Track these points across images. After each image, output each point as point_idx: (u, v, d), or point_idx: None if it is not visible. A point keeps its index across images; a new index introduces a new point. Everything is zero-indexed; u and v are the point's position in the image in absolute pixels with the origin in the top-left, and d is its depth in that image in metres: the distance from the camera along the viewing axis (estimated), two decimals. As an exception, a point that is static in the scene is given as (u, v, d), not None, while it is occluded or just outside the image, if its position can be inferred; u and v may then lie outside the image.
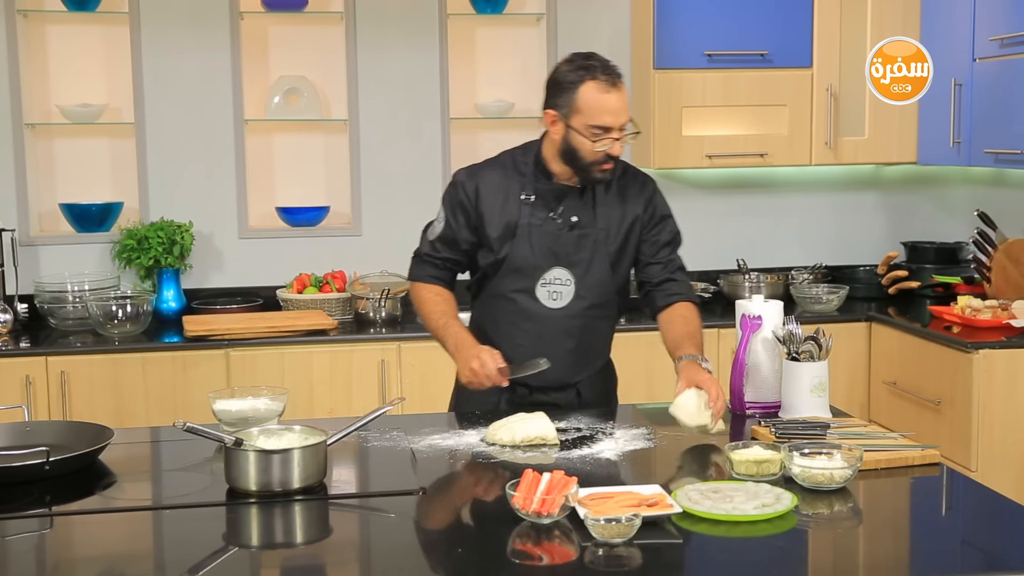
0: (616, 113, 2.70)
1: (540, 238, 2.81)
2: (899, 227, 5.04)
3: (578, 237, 2.82)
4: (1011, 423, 3.77)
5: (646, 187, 2.92)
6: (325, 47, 4.67)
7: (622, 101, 2.71)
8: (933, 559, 2.00)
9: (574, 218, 2.83)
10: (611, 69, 2.71)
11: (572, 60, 2.75)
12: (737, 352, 2.79)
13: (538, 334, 2.83)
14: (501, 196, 2.84)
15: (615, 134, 2.71)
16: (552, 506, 2.00)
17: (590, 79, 2.68)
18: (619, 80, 2.71)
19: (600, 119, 2.69)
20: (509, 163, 2.89)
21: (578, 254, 2.83)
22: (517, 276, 2.84)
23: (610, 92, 2.69)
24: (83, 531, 2.13)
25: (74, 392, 3.98)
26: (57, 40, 4.55)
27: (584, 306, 2.85)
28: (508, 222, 2.82)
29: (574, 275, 2.83)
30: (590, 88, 2.69)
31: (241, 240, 4.65)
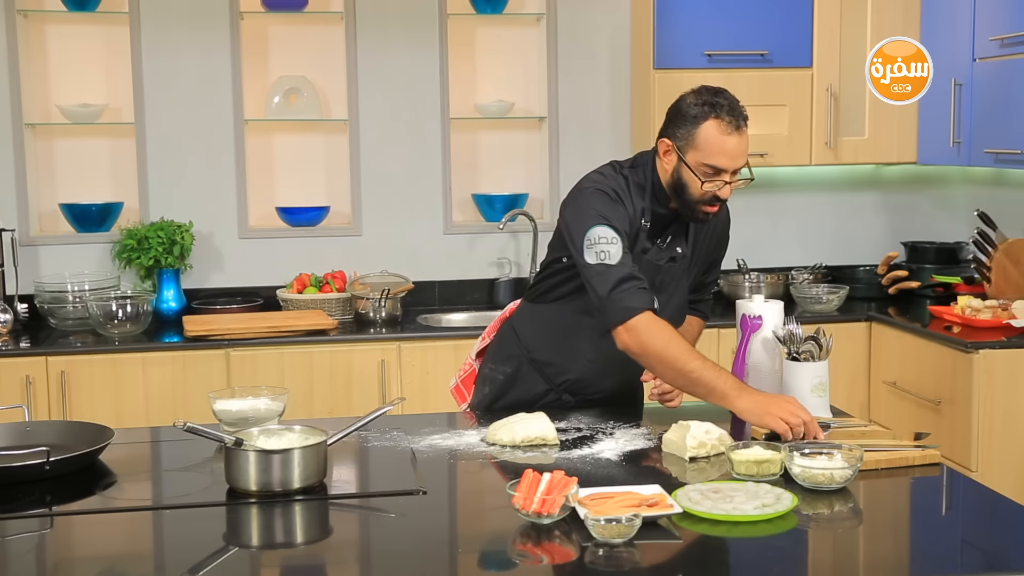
0: (733, 157, 2.63)
1: (647, 268, 2.72)
2: (899, 227, 5.04)
3: (675, 269, 2.79)
4: (1011, 423, 3.77)
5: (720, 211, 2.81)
6: (325, 47, 4.67)
7: (742, 146, 2.64)
8: (933, 559, 2.00)
9: (678, 249, 2.78)
10: (738, 111, 2.64)
11: (700, 93, 2.66)
12: (737, 352, 2.79)
13: (611, 355, 2.68)
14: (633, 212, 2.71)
15: (727, 177, 2.65)
16: (552, 506, 1.99)
17: (714, 117, 2.62)
18: (744, 123, 2.64)
19: (716, 160, 2.62)
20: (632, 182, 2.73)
21: (669, 284, 2.79)
22: None
23: (732, 135, 2.62)
24: (83, 531, 2.13)
25: (74, 392, 3.98)
26: (57, 40, 4.55)
27: None
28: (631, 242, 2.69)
29: (659, 300, 2.71)
30: (712, 126, 2.62)
31: (241, 240, 4.65)
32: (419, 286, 4.63)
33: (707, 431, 2.43)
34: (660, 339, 2.54)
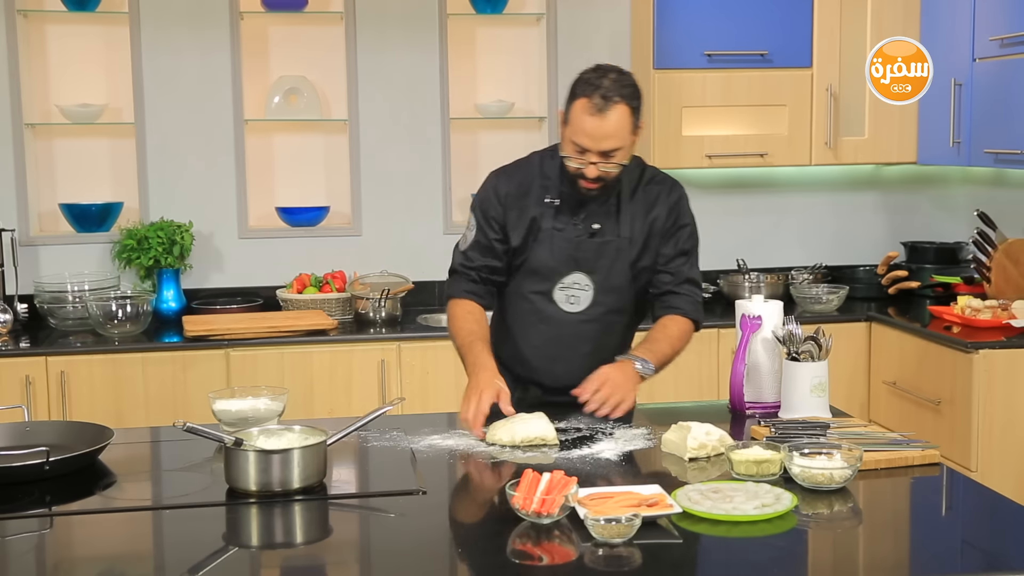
0: (594, 138, 2.64)
1: (561, 243, 2.79)
2: (899, 227, 5.04)
3: (599, 244, 2.80)
4: (1011, 423, 3.77)
5: (672, 194, 2.88)
6: (325, 47, 4.67)
7: (605, 129, 2.63)
8: (933, 559, 2.00)
9: (596, 225, 2.80)
10: (611, 93, 2.63)
11: (594, 69, 2.70)
12: (737, 352, 2.79)
13: (553, 337, 2.82)
14: (525, 200, 2.81)
15: (593, 157, 2.67)
16: (552, 506, 2.00)
17: (585, 96, 2.65)
18: (613, 106, 2.62)
19: (578, 138, 2.66)
20: (536, 165, 2.86)
21: (598, 260, 2.81)
22: (536, 278, 2.83)
23: (595, 116, 2.63)
24: (83, 531, 2.13)
25: (74, 392, 3.98)
26: (57, 40, 4.55)
27: (602, 311, 2.84)
28: (531, 225, 2.80)
29: (593, 281, 2.81)
30: (581, 105, 2.65)
31: (241, 240, 4.65)
32: (419, 286, 4.63)
33: (707, 432, 2.43)
34: (452, 317, 2.85)
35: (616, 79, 2.66)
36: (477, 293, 2.87)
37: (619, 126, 2.64)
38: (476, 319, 2.83)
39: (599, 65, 2.71)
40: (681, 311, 2.87)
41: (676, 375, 4.27)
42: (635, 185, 2.84)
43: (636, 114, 2.69)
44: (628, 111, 2.65)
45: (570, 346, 2.82)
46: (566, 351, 2.80)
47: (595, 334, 2.85)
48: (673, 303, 2.88)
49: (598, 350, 2.86)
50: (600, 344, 2.87)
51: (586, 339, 2.84)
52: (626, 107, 2.65)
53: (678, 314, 2.87)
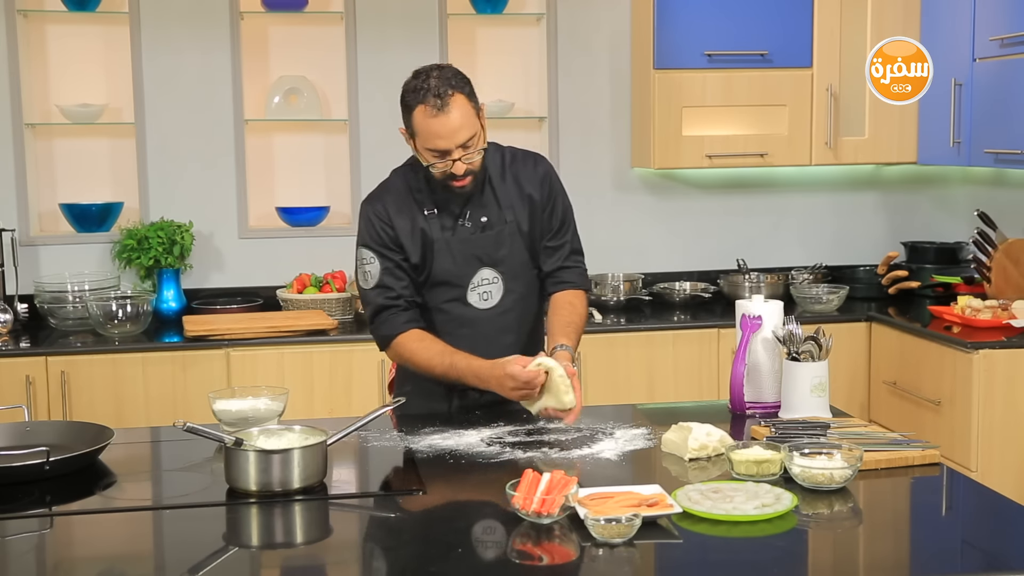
0: (448, 137, 2.65)
1: (458, 246, 2.80)
2: (899, 227, 5.04)
3: (494, 236, 2.82)
4: (1011, 423, 3.77)
5: (539, 167, 2.90)
6: (325, 47, 4.67)
7: (452, 124, 2.64)
8: (933, 559, 2.00)
9: (483, 218, 2.82)
10: (442, 90, 2.64)
11: (415, 76, 2.71)
12: (737, 352, 2.79)
13: (476, 337, 2.81)
14: (407, 217, 2.80)
15: (455, 154, 2.68)
16: (552, 506, 2.00)
17: (420, 104, 2.66)
18: (450, 99, 2.64)
19: (434, 143, 2.67)
20: (403, 184, 2.85)
21: (499, 251, 2.83)
22: (445, 288, 2.83)
23: (438, 116, 2.64)
24: (83, 531, 2.13)
25: (74, 392, 3.98)
26: (57, 40, 4.55)
27: (514, 299, 2.86)
28: (422, 240, 2.80)
29: (500, 272, 2.83)
30: (420, 113, 2.66)
31: (241, 240, 4.65)
32: (419, 286, 4.62)
33: (708, 433, 2.43)
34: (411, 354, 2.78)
35: (439, 75, 2.70)
36: (414, 320, 2.81)
37: (463, 116, 2.67)
38: (433, 340, 2.78)
39: (417, 70, 2.74)
40: (575, 284, 2.92)
41: (676, 375, 4.29)
42: (501, 168, 2.86)
43: (472, 98, 2.72)
44: (464, 98, 2.69)
45: (494, 341, 2.82)
46: (492, 347, 2.78)
47: (514, 323, 2.87)
48: (567, 277, 2.92)
49: (519, 337, 2.89)
50: (520, 331, 2.89)
51: (507, 330, 2.86)
52: (460, 95, 2.68)
53: (575, 288, 2.92)
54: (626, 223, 4.85)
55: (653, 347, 4.30)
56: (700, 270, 4.90)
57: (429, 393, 2.87)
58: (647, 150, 4.56)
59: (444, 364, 2.74)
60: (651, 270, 4.82)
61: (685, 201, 4.91)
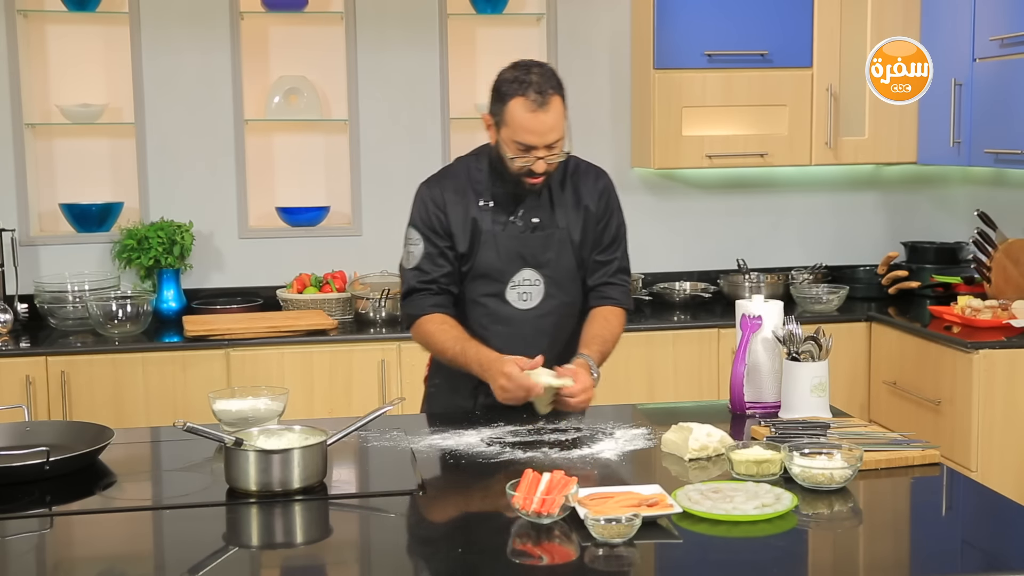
0: (540, 134, 2.67)
1: (505, 242, 2.81)
2: (899, 227, 5.04)
3: (543, 238, 2.83)
4: (1011, 423, 3.77)
5: (599, 181, 2.92)
6: (325, 47, 4.67)
7: (548, 123, 2.67)
8: (933, 559, 2.00)
9: (535, 219, 2.83)
10: (544, 88, 2.66)
11: (514, 68, 2.72)
12: (737, 352, 2.79)
13: (511, 336, 2.83)
14: (462, 206, 2.83)
15: (540, 152, 2.69)
16: (552, 506, 2.00)
17: (521, 95, 2.66)
18: (551, 99, 2.66)
19: (523, 137, 2.68)
20: (463, 172, 2.87)
21: (545, 254, 2.84)
22: (485, 281, 2.84)
23: (536, 112, 2.66)
24: (83, 531, 2.13)
25: (74, 392, 3.98)
26: (57, 40, 4.55)
27: (555, 304, 2.87)
28: (472, 230, 2.82)
29: (543, 275, 2.84)
30: (518, 104, 2.67)
31: (241, 240, 4.65)
32: (419, 286, 4.62)
33: (708, 434, 2.43)
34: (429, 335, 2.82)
35: (541, 72, 2.70)
36: (441, 305, 2.84)
37: (558, 117, 2.70)
38: (452, 326, 2.82)
39: (517, 62, 2.75)
40: (617, 302, 2.93)
41: (676, 375, 4.29)
42: (563, 175, 2.86)
43: (565, 103, 2.74)
44: (560, 101, 2.70)
45: (529, 343, 2.82)
46: (526, 349, 2.78)
47: (551, 327, 2.88)
48: (610, 293, 2.93)
49: (554, 343, 2.89)
50: (556, 337, 2.89)
51: (543, 333, 2.87)
52: (558, 97, 2.70)
53: (616, 305, 2.93)
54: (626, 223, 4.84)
55: (653, 347, 4.30)
56: (700, 270, 4.90)
57: (456, 388, 2.89)
58: (647, 150, 4.56)
59: (455, 349, 2.77)
60: (651, 270, 4.82)
61: (685, 201, 4.92)
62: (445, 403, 2.94)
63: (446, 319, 2.83)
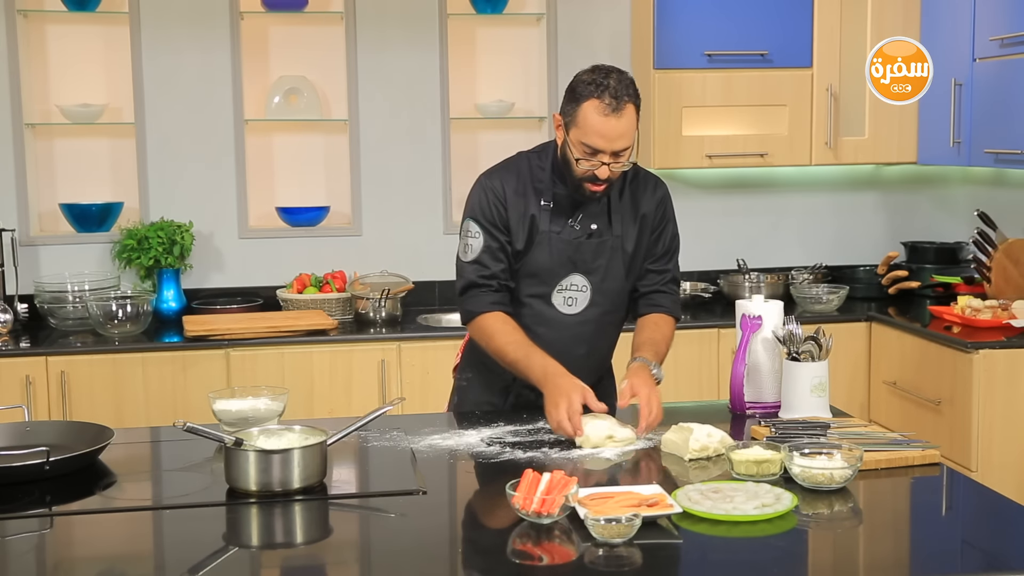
0: (609, 139, 2.63)
1: (559, 245, 2.78)
2: (899, 227, 5.04)
3: (597, 245, 2.80)
4: (1011, 423, 3.77)
5: (658, 190, 2.88)
6: (325, 47, 4.67)
7: (619, 129, 2.63)
8: (933, 559, 2.00)
9: (593, 226, 2.79)
10: (620, 93, 2.62)
11: (593, 71, 2.68)
12: (737, 352, 2.79)
13: (551, 340, 2.79)
14: (523, 202, 2.79)
15: (605, 158, 2.66)
16: (552, 506, 2.00)
17: (596, 97, 2.62)
18: (625, 106, 2.63)
19: (591, 140, 2.64)
20: (526, 168, 2.83)
21: (596, 261, 2.80)
22: (534, 281, 2.81)
23: (609, 117, 2.62)
24: (83, 531, 2.13)
25: (74, 392, 3.98)
26: (57, 40, 4.55)
27: (598, 312, 2.84)
28: (530, 228, 2.78)
29: (591, 282, 2.81)
30: (591, 106, 2.63)
31: (241, 240, 4.65)
32: (419, 286, 4.63)
33: (709, 434, 2.43)
34: (489, 335, 2.75)
35: (619, 78, 2.66)
36: (502, 303, 2.78)
37: (630, 125, 2.66)
38: (514, 328, 2.75)
39: (597, 66, 2.71)
40: (667, 310, 2.90)
41: (676, 375, 4.29)
42: (622, 184, 2.84)
43: (638, 113, 2.70)
44: (634, 110, 2.67)
45: (567, 349, 2.80)
46: (563, 354, 2.77)
47: (591, 335, 2.85)
48: (661, 302, 2.89)
49: (593, 351, 2.87)
50: (594, 345, 2.87)
51: (582, 341, 2.84)
52: (633, 106, 2.66)
53: (666, 313, 2.89)
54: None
55: (653, 347, 4.29)
56: (700, 270, 4.89)
57: (489, 385, 2.87)
58: (647, 150, 4.56)
59: (518, 354, 2.70)
60: (651, 270, 4.82)
61: (685, 201, 4.90)
62: (476, 398, 2.92)
63: (508, 319, 2.77)
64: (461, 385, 3.00)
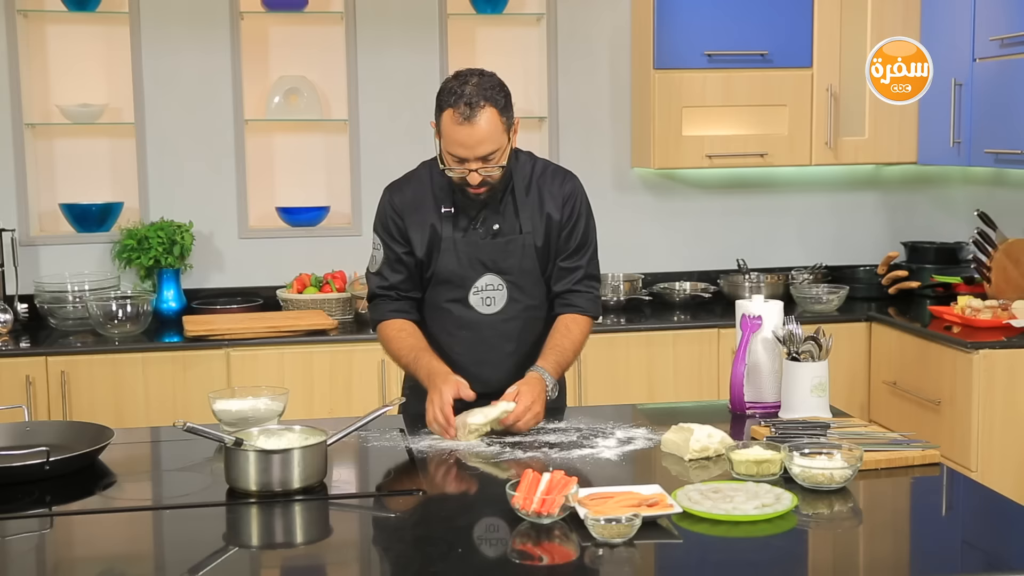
0: (468, 147, 2.64)
1: (465, 249, 2.79)
2: (899, 227, 5.04)
3: (503, 244, 2.80)
4: (1011, 423, 3.77)
5: (565, 185, 2.86)
6: (325, 47, 4.67)
7: (476, 136, 2.62)
8: (933, 559, 2.00)
9: (495, 226, 2.80)
10: (475, 99, 2.62)
11: (455, 77, 2.70)
12: (737, 352, 2.79)
13: (475, 341, 2.82)
14: (422, 211, 2.81)
15: (472, 164, 2.66)
16: (552, 506, 2.00)
17: (449, 107, 2.64)
18: (480, 111, 2.61)
19: (453, 149, 2.66)
20: (427, 176, 2.85)
21: (507, 260, 2.81)
22: (448, 287, 2.83)
23: (463, 125, 2.62)
24: (83, 531, 2.13)
25: (74, 392, 3.98)
26: (57, 40, 4.54)
27: (519, 308, 2.84)
28: (431, 236, 2.80)
29: (506, 280, 2.82)
30: (448, 116, 2.64)
31: (241, 240, 4.65)
32: (419, 286, 4.62)
33: (709, 435, 2.43)
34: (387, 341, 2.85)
35: (477, 83, 2.66)
36: (402, 310, 2.85)
37: (490, 129, 2.64)
38: (409, 334, 2.82)
39: (459, 72, 2.72)
40: (581, 309, 2.88)
41: (676, 375, 4.30)
42: (528, 180, 2.84)
43: (505, 113, 2.69)
44: (495, 112, 2.65)
45: (494, 347, 2.82)
46: (491, 353, 2.80)
47: (516, 332, 2.85)
48: (574, 301, 2.88)
49: (520, 347, 2.86)
50: (522, 340, 2.87)
51: (509, 338, 2.84)
52: (492, 109, 2.64)
53: (580, 313, 2.88)
54: (626, 223, 4.85)
55: (653, 347, 4.30)
56: (700, 270, 4.90)
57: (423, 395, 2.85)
58: (647, 150, 4.56)
59: (408, 358, 2.80)
60: (651, 270, 4.82)
61: (685, 201, 4.92)
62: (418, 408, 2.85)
63: (403, 326, 2.84)
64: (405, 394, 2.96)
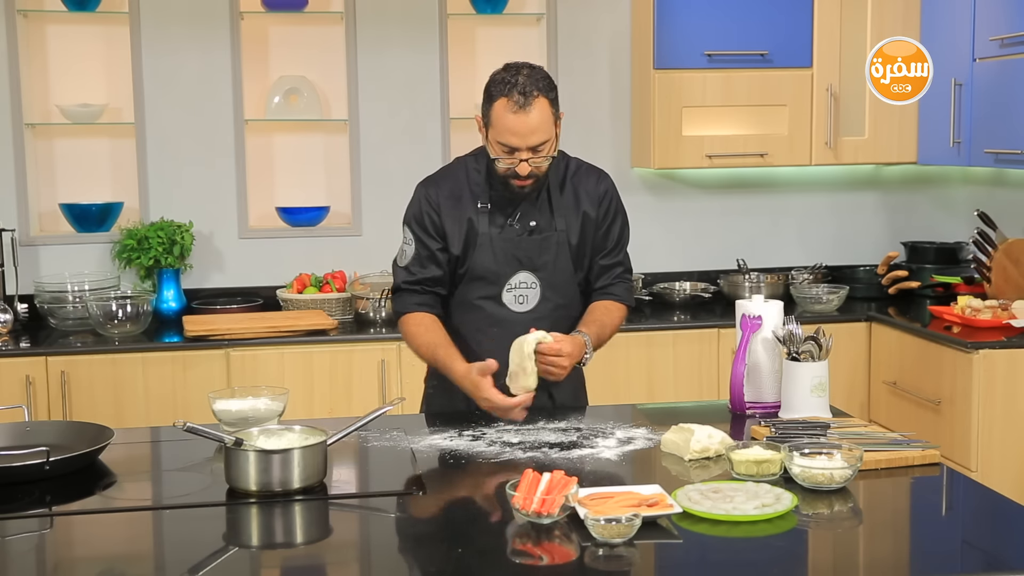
0: (521, 135, 2.66)
1: (501, 245, 2.81)
2: (899, 227, 5.04)
3: (540, 241, 2.82)
4: (1011, 423, 3.77)
5: (600, 184, 2.90)
6: (325, 47, 4.67)
7: (530, 125, 2.66)
8: (933, 559, 2.00)
9: (532, 223, 2.82)
10: (529, 88, 2.65)
11: (505, 69, 2.73)
12: (737, 352, 2.79)
13: (506, 337, 2.79)
14: (459, 207, 2.82)
15: (523, 154, 2.69)
16: (552, 506, 2.00)
17: (504, 96, 2.66)
18: (534, 100, 2.65)
19: (505, 138, 2.68)
20: (463, 172, 2.87)
21: (541, 257, 2.83)
22: (482, 284, 2.84)
23: (518, 113, 2.65)
24: (83, 531, 2.13)
25: (74, 392, 3.98)
26: (57, 40, 4.55)
27: (551, 307, 2.86)
28: (468, 232, 2.81)
29: (539, 278, 2.83)
30: (501, 105, 2.67)
31: (241, 240, 4.65)
32: (419, 286, 4.62)
33: (709, 436, 2.43)
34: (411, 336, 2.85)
35: (529, 74, 2.69)
36: (426, 304, 2.86)
37: (542, 119, 2.68)
38: (429, 328, 2.83)
39: (509, 64, 2.74)
40: (618, 297, 2.94)
41: (676, 375, 4.30)
42: (562, 178, 2.86)
43: (555, 105, 2.73)
44: (547, 103, 2.69)
45: None
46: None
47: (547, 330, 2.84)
48: (612, 290, 2.93)
49: None
50: None
51: None
52: (545, 99, 2.68)
53: (619, 301, 2.93)
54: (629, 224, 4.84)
55: (653, 347, 4.30)
56: (700, 270, 4.90)
57: (452, 389, 2.86)
58: (647, 150, 4.56)
59: (428, 353, 2.82)
60: (651, 270, 4.82)
61: (685, 201, 4.92)
62: (442, 403, 2.94)
63: (425, 319, 2.84)
64: (428, 392, 3.01)
